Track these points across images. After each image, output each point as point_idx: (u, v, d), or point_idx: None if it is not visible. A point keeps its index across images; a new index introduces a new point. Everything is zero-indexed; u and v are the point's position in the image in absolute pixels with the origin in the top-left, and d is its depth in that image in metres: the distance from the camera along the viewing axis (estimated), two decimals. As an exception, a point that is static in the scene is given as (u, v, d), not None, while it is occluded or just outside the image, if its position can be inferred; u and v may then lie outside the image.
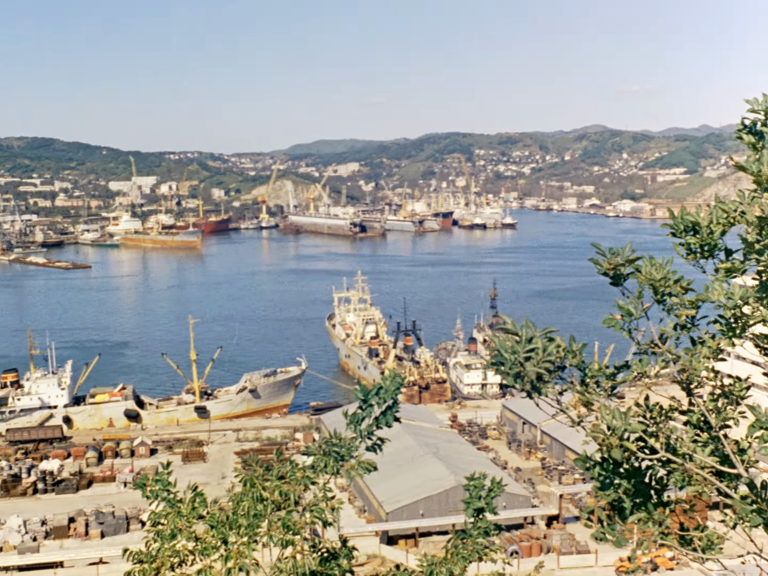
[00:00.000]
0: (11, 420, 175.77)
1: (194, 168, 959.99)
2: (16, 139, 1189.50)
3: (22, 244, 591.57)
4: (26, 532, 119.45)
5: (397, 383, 13.73)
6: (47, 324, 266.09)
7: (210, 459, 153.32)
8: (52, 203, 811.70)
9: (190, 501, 14.90)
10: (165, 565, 14.86)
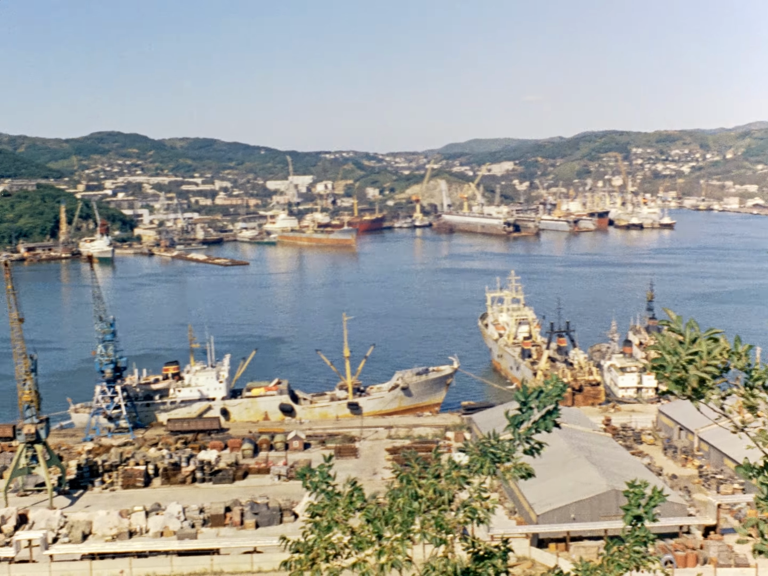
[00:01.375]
0: (172, 410, 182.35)
1: (349, 167, 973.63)
2: (179, 140, 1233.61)
3: (183, 241, 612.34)
4: (185, 519, 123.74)
5: (559, 388, 13.57)
6: (207, 319, 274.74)
7: (362, 455, 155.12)
8: (213, 202, 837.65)
9: (347, 495, 15.13)
10: (320, 557, 15.11)
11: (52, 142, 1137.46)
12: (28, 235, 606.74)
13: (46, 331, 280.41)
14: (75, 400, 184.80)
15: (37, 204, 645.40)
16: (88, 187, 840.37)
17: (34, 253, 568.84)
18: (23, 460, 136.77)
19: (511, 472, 14.16)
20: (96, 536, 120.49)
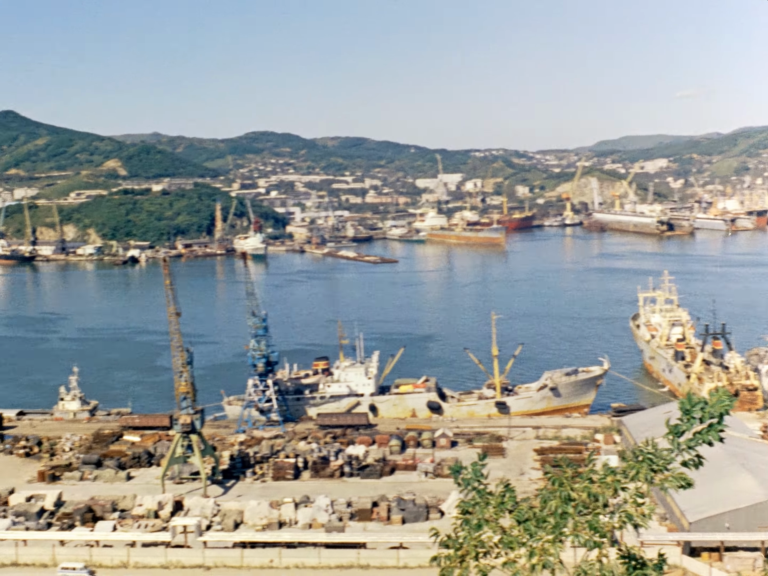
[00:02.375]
0: (322, 405, 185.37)
1: (499, 165, 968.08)
2: (330, 139, 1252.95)
3: (334, 238, 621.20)
4: (333, 512, 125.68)
5: (727, 401, 13.13)
6: (356, 315, 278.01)
7: (509, 454, 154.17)
8: (363, 200, 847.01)
9: (499, 494, 15.08)
10: (470, 554, 15.10)
11: (208, 142, 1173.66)
12: (186, 232, 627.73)
13: (202, 326, 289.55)
14: (228, 393, 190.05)
15: (194, 202, 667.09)
16: (243, 186, 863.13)
17: (191, 249, 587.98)
18: (179, 449, 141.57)
19: (670, 482, 13.80)
20: (247, 525, 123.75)
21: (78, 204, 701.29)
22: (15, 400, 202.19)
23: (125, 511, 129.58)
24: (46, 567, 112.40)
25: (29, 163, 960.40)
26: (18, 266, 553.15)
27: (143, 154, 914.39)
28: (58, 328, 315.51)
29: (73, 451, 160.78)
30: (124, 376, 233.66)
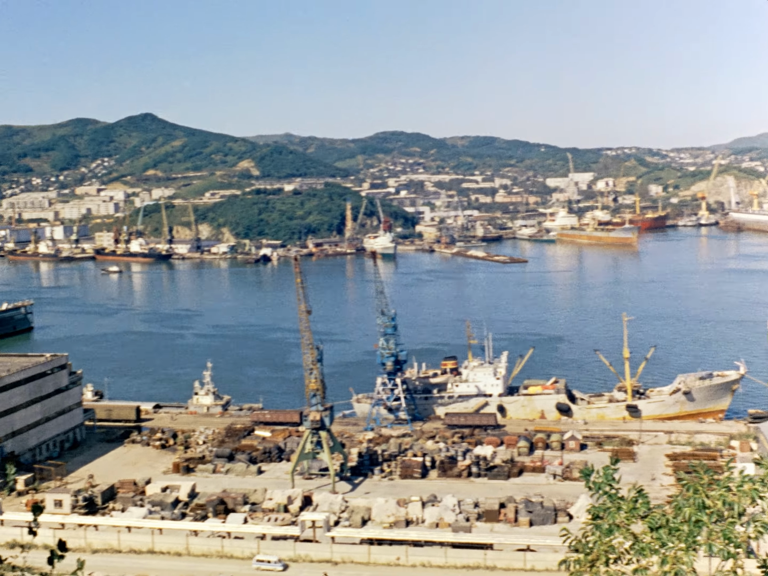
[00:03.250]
0: (450, 405, 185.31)
1: (631, 164, 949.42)
2: (460, 138, 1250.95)
3: (463, 238, 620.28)
4: (460, 512, 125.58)
5: None
6: (485, 315, 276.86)
7: (640, 459, 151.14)
8: (492, 199, 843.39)
9: (631, 500, 14.86)
10: (600, 559, 14.94)
11: (339, 142, 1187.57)
12: (316, 231, 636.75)
13: (332, 324, 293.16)
14: (357, 391, 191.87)
15: (324, 202, 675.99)
16: (373, 186, 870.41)
17: (322, 248, 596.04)
18: (309, 445, 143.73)
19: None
20: (374, 522, 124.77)
21: (212, 203, 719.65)
22: (152, 394, 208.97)
23: (256, 505, 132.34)
24: (180, 556, 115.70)
25: (166, 164, 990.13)
26: (155, 264, 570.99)
27: (275, 155, 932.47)
28: (193, 325, 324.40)
29: (206, 444, 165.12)
30: (256, 373, 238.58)
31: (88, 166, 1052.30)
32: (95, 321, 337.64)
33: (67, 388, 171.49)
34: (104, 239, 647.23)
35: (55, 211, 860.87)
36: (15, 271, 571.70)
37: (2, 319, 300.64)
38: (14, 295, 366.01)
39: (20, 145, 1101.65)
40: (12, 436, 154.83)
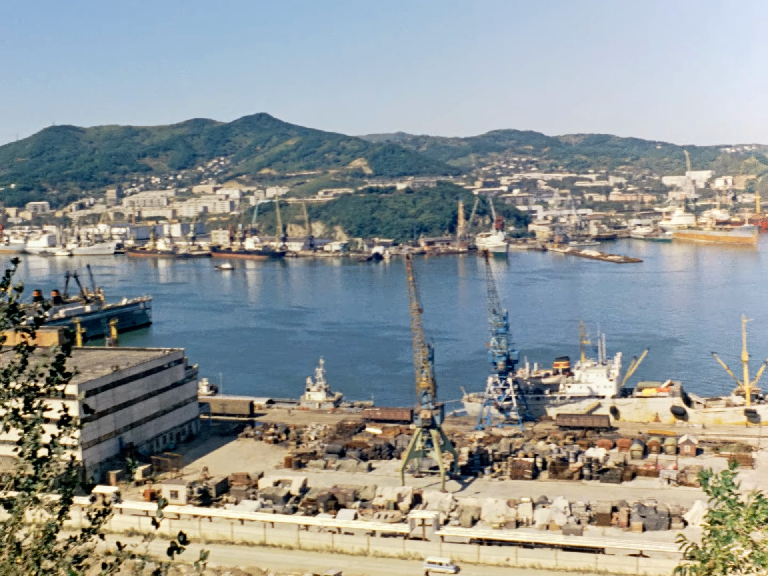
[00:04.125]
0: (561, 406, 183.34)
1: (751, 161, 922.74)
2: (574, 136, 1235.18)
3: (576, 237, 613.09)
4: (571, 515, 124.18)
5: None
6: (598, 315, 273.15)
7: (758, 466, 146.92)
8: (607, 198, 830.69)
9: (751, 506, 14.51)
10: (717, 567, 14.63)
11: (451, 140, 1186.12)
12: (428, 229, 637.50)
13: (443, 322, 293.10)
14: (468, 390, 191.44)
15: (437, 200, 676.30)
16: (485, 184, 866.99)
17: (434, 246, 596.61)
18: (419, 443, 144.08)
19: None
20: (484, 522, 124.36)
21: (325, 202, 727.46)
22: (265, 389, 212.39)
23: (366, 501, 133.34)
24: (291, 549, 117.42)
25: (281, 163, 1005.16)
26: (269, 261, 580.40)
27: (388, 153, 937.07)
28: (305, 322, 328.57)
29: (317, 440, 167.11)
30: (367, 370, 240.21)
31: (205, 166, 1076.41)
32: (210, 317, 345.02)
33: (183, 382, 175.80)
34: (220, 237, 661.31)
35: (173, 209, 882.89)
36: (134, 267, 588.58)
37: (122, 314, 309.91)
38: (134, 291, 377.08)
39: (140, 146, 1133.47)
40: (131, 428, 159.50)
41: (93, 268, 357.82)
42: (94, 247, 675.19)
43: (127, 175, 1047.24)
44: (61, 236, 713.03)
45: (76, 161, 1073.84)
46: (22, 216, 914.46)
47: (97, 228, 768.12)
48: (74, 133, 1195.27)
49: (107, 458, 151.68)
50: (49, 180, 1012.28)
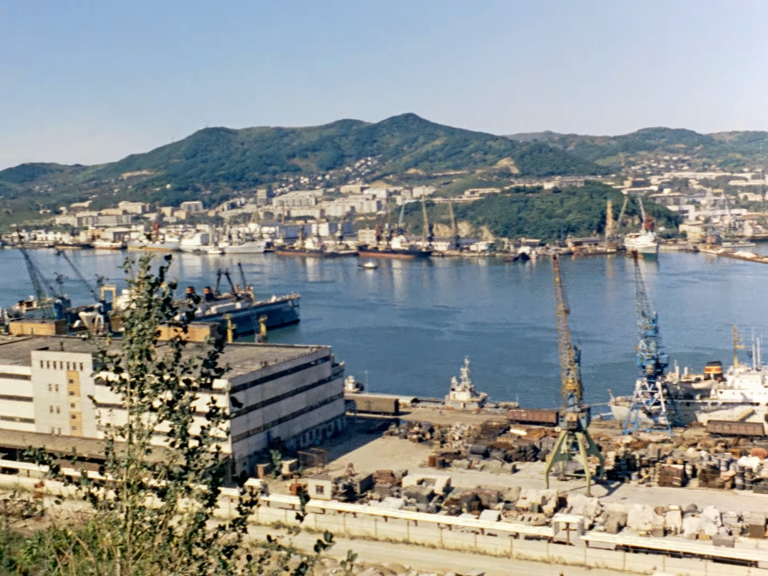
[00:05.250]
0: (713, 412, 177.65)
1: None
2: (728, 134, 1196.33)
3: (730, 238, 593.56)
4: (722, 525, 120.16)
5: None
6: (753, 319, 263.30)
7: None
8: (763, 197, 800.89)
9: None
10: None
11: (600, 139, 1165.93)
12: (576, 229, 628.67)
13: (590, 324, 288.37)
14: (615, 393, 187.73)
15: (584, 200, 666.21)
16: (634, 183, 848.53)
17: (581, 247, 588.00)
18: (564, 446, 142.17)
19: None
20: (630, 529, 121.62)
21: (472, 202, 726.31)
22: (410, 388, 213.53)
23: (510, 503, 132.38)
24: (433, 548, 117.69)
25: (427, 163, 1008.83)
26: (415, 261, 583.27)
27: (535, 153, 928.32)
28: (451, 321, 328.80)
29: (462, 440, 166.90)
30: (512, 371, 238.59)
31: (353, 166, 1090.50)
32: (357, 315, 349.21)
33: (329, 379, 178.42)
34: (367, 236, 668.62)
35: (321, 208, 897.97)
36: (283, 265, 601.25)
37: (271, 311, 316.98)
38: (282, 289, 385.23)
39: (289, 146, 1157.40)
40: (278, 423, 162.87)
41: (243, 266, 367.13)
42: (244, 245, 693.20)
43: (276, 175, 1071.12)
44: (214, 235, 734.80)
45: (228, 162, 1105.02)
46: (177, 215, 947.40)
47: (247, 227, 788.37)
48: (227, 135, 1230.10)
49: (255, 452, 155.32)
50: (203, 180, 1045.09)
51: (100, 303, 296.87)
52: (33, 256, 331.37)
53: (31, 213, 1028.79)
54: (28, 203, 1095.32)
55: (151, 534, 11.91)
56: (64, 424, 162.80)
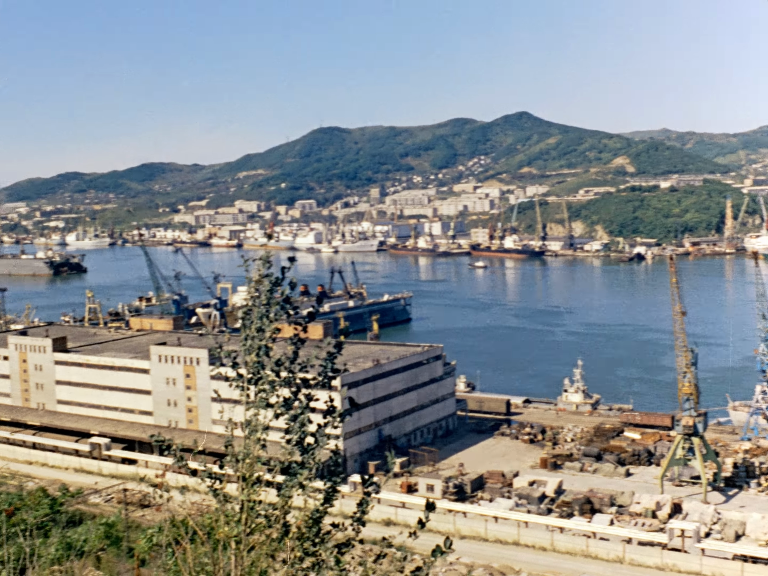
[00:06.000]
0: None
1: None
2: None
3: None
4: None
5: None
6: None
7: None
8: None
9: None
10: None
11: (719, 136, 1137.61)
12: (693, 229, 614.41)
13: (707, 326, 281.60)
14: (734, 398, 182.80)
15: (702, 199, 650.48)
16: (756, 182, 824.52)
17: (699, 247, 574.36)
18: (680, 451, 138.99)
19: None
20: (748, 538, 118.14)
21: (586, 201, 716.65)
22: (522, 388, 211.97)
23: (622, 507, 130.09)
24: (544, 551, 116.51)
25: (541, 162, 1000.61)
26: (528, 260, 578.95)
27: (651, 151, 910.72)
28: (563, 322, 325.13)
29: (574, 442, 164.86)
30: (627, 373, 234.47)
31: (465, 165, 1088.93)
32: (468, 314, 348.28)
33: (441, 378, 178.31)
34: (479, 235, 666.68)
35: (434, 207, 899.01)
36: (396, 264, 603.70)
37: (383, 309, 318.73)
38: (395, 288, 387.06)
39: (402, 145, 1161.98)
40: (389, 421, 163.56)
41: (356, 264, 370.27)
42: (357, 244, 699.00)
43: (389, 174, 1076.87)
44: (327, 233, 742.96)
45: (342, 161, 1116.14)
46: (291, 214, 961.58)
47: (360, 226, 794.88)
48: (340, 134, 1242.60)
49: (367, 449, 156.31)
50: (317, 179, 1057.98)
51: (216, 300, 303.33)
52: (152, 254, 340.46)
53: (151, 211, 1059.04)
54: (148, 202, 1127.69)
55: (265, 528, 12.08)
56: (180, 417, 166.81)
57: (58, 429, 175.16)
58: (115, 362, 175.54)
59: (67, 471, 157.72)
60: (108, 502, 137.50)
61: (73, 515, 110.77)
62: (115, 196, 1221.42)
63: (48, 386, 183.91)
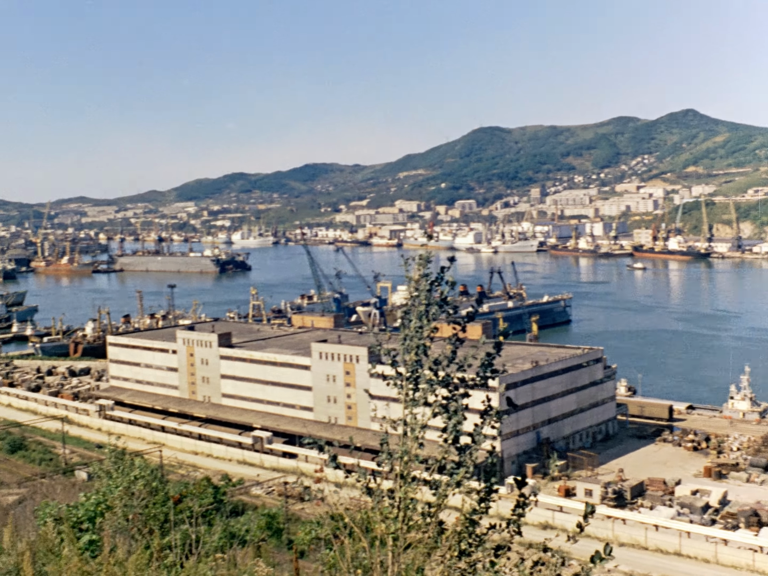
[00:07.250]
0: None
1: None
2: None
3: None
4: None
5: None
6: None
7: None
8: None
9: None
10: None
11: None
12: None
13: None
14: None
15: None
16: None
17: None
18: None
19: None
20: None
21: (756, 201, 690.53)
22: (685, 394, 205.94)
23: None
24: (707, 563, 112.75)
25: (707, 161, 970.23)
26: (693, 262, 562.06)
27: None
28: (730, 326, 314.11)
29: (740, 451, 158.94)
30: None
31: (628, 164, 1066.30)
32: (629, 317, 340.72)
33: (601, 381, 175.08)
34: (642, 236, 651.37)
35: (595, 207, 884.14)
36: (556, 265, 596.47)
37: (543, 310, 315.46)
38: (554, 289, 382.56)
39: (563, 145, 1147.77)
40: (548, 423, 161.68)
41: (516, 264, 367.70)
42: (517, 244, 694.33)
43: (550, 174, 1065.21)
44: (487, 233, 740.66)
45: (502, 161, 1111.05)
46: (451, 214, 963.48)
47: (520, 226, 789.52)
48: (500, 134, 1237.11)
49: (524, 451, 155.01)
50: (476, 179, 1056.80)
51: (376, 298, 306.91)
52: (314, 252, 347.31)
53: (313, 211, 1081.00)
54: (310, 201, 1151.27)
55: (422, 526, 12.13)
56: (340, 414, 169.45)
57: (222, 421, 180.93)
58: (277, 358, 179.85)
59: (230, 462, 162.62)
60: (269, 494, 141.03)
61: (236, 505, 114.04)
62: (279, 195, 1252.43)
63: (213, 380, 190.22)
